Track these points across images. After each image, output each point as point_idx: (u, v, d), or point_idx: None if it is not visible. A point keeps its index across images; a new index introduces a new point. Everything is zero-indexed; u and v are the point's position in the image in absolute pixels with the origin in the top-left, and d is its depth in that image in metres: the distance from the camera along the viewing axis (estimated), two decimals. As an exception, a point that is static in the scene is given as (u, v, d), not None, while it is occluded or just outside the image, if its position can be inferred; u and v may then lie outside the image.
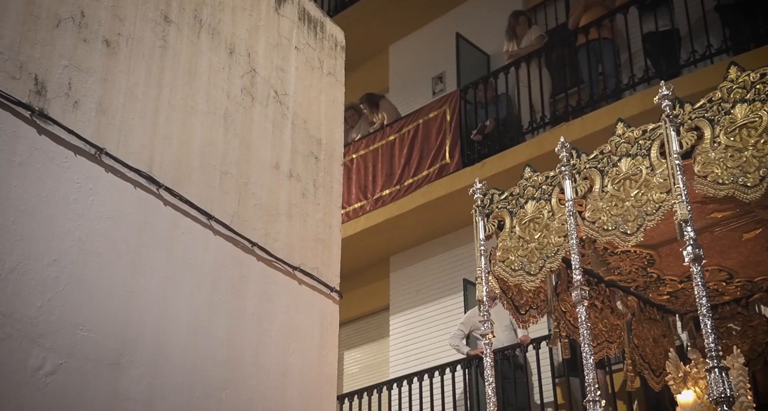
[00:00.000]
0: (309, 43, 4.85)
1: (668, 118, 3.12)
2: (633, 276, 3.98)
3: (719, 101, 3.07)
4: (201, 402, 3.65)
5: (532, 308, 3.79)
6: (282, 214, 4.41)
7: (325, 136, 4.87)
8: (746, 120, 2.94)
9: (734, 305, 4.25)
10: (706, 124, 3.05)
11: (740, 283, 4.09)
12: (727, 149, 2.94)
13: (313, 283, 4.50)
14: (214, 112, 4.06)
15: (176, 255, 3.69)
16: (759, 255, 3.77)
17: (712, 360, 2.75)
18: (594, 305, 4.02)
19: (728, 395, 2.67)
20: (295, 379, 4.22)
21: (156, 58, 3.78)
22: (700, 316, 2.85)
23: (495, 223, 3.68)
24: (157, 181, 3.64)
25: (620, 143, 3.32)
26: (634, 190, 3.16)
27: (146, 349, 3.44)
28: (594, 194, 3.29)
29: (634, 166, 3.21)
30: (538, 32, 8.14)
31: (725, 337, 4.23)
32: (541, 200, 3.51)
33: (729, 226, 3.61)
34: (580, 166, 3.41)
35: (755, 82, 3.00)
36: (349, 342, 9.42)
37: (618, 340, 4.09)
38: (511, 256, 3.54)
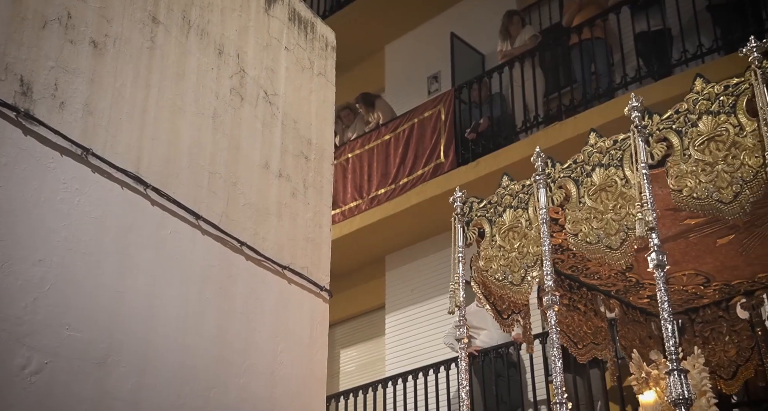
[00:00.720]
0: (299, 43, 4.87)
1: (636, 129, 3.12)
2: (612, 280, 4.02)
3: (686, 112, 3.07)
4: (189, 401, 3.67)
5: (515, 313, 3.82)
6: (271, 214, 4.43)
7: (315, 136, 4.89)
8: (713, 133, 2.94)
9: (715, 309, 4.28)
10: (674, 135, 3.05)
11: (717, 286, 4.12)
12: (698, 163, 2.94)
13: (303, 283, 4.52)
14: (203, 112, 4.08)
15: (164, 255, 3.70)
16: (734, 260, 3.80)
17: (672, 363, 2.78)
18: (577, 308, 4.05)
19: (686, 397, 2.70)
20: (284, 378, 4.24)
21: (144, 58, 3.79)
22: (662, 320, 2.88)
23: (475, 231, 3.71)
24: (145, 182, 3.66)
25: (592, 153, 3.33)
26: (611, 202, 3.18)
27: (133, 349, 3.46)
28: (572, 205, 3.32)
29: (607, 177, 3.22)
30: (531, 32, 8.16)
31: (710, 342, 4.26)
32: (518, 209, 3.54)
33: (703, 232, 3.63)
34: (555, 175, 3.43)
35: (719, 94, 2.99)
36: (345, 340, 9.45)
37: (604, 342, 4.12)
38: (493, 265, 3.57)
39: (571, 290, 4.05)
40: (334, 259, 8.92)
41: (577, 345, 4.05)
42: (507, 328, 3.86)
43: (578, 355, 4.08)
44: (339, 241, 8.64)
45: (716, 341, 4.23)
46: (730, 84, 3.00)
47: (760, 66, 2.86)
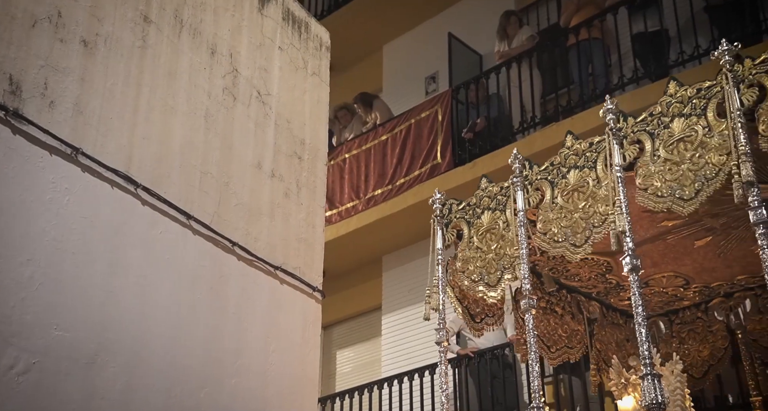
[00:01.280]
0: (293, 43, 4.86)
1: (611, 132, 3.15)
2: (593, 282, 4.02)
3: (659, 115, 3.10)
4: (180, 401, 3.66)
5: (488, 316, 3.82)
6: (264, 214, 4.42)
7: (309, 136, 4.88)
8: (683, 134, 2.97)
9: (694, 310, 4.30)
10: (646, 137, 3.08)
11: (697, 288, 4.14)
12: (666, 162, 2.98)
13: (295, 283, 4.51)
14: (195, 112, 4.07)
15: (155, 255, 3.70)
16: (712, 261, 3.82)
17: (646, 367, 2.79)
18: (554, 311, 4.06)
19: (659, 402, 2.71)
20: (276, 378, 4.23)
21: (135, 58, 3.78)
22: (635, 325, 2.88)
23: (454, 233, 3.72)
24: (135, 181, 3.65)
25: (569, 155, 3.35)
26: (582, 202, 3.21)
27: (123, 349, 3.45)
28: (545, 205, 3.34)
29: (581, 178, 3.24)
30: (529, 32, 8.15)
31: (687, 342, 4.27)
32: (496, 211, 3.55)
33: (680, 234, 3.65)
34: (532, 177, 3.45)
35: (692, 97, 3.02)
36: (342, 341, 9.44)
37: (579, 345, 4.12)
38: (470, 267, 3.58)
39: (550, 293, 4.05)
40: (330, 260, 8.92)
41: (550, 349, 4.07)
42: (479, 332, 3.87)
43: (549, 359, 4.10)
44: (336, 242, 8.64)
45: (692, 341, 4.26)
46: (702, 87, 3.03)
47: (731, 69, 2.88)
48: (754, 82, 2.84)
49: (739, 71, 2.89)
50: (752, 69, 2.88)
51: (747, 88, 2.85)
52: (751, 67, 2.89)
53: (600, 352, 4.08)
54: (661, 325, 4.38)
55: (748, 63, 2.91)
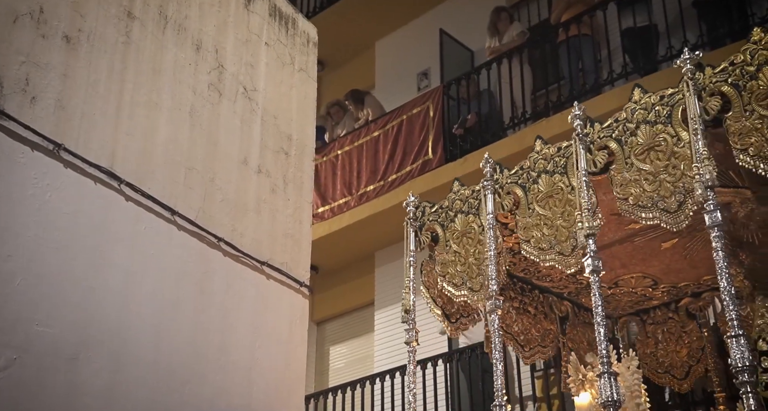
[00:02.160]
0: (280, 39, 4.86)
1: (578, 137, 3.18)
2: (564, 283, 4.07)
3: (624, 121, 3.12)
4: (163, 397, 3.67)
5: (463, 316, 3.85)
6: (250, 210, 4.43)
7: (296, 132, 4.88)
8: (652, 143, 2.99)
9: (665, 310, 4.36)
10: (614, 143, 3.10)
11: (665, 288, 4.20)
12: (641, 172, 3.00)
13: (282, 278, 4.52)
14: (180, 108, 4.07)
15: (139, 250, 3.70)
16: (678, 263, 3.88)
17: (603, 365, 2.82)
18: (527, 311, 4.11)
19: (615, 399, 2.75)
20: (262, 374, 4.24)
21: (119, 54, 3.78)
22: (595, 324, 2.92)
23: (428, 236, 3.74)
24: (119, 177, 3.65)
25: (538, 160, 3.38)
26: (560, 208, 3.24)
27: (106, 345, 3.46)
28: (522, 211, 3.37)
29: (553, 184, 3.27)
30: (519, 28, 8.15)
31: (663, 343, 4.30)
32: (469, 214, 3.58)
33: (647, 236, 3.69)
34: (503, 181, 3.48)
35: (655, 104, 3.04)
36: (334, 337, 9.45)
37: (551, 345, 4.16)
38: (450, 270, 3.61)
39: (523, 293, 4.11)
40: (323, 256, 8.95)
41: (524, 348, 4.11)
42: (455, 332, 3.89)
43: (524, 358, 4.14)
44: (328, 238, 8.65)
45: (668, 342, 4.31)
46: (665, 94, 3.05)
47: (692, 77, 2.91)
48: (715, 91, 2.87)
49: (700, 79, 2.92)
50: (713, 77, 2.91)
51: (709, 96, 2.88)
52: (711, 75, 2.92)
53: (572, 350, 4.12)
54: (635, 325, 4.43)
55: (708, 71, 2.94)
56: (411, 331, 3.61)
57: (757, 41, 2.89)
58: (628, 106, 3.14)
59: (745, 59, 2.87)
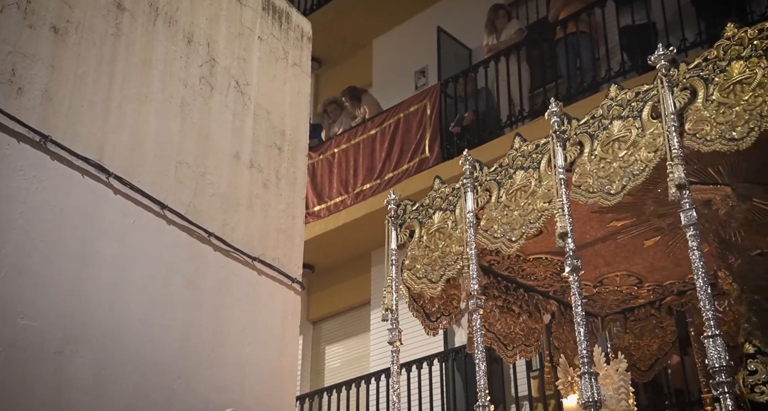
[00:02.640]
0: (273, 33, 4.82)
1: (555, 134, 3.21)
2: (549, 281, 4.07)
3: (600, 117, 3.16)
4: (152, 392, 3.63)
5: (444, 315, 3.83)
6: (242, 205, 4.38)
7: (289, 127, 4.84)
8: (619, 134, 3.04)
9: (649, 308, 4.36)
10: (587, 138, 3.14)
11: (650, 287, 4.19)
12: (600, 161, 3.06)
13: (274, 274, 4.48)
14: (170, 101, 4.03)
15: (128, 244, 3.66)
16: (662, 260, 3.89)
17: (583, 366, 2.83)
18: (511, 310, 4.11)
19: (595, 400, 2.75)
20: (253, 370, 4.20)
21: (108, 45, 3.74)
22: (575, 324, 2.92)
23: (407, 233, 3.74)
24: (107, 170, 3.61)
25: (516, 157, 3.42)
26: (522, 200, 3.29)
27: (94, 339, 3.41)
28: (490, 205, 3.41)
29: (525, 178, 3.32)
30: (517, 26, 8.12)
31: (638, 337, 4.31)
32: (446, 211, 3.58)
33: (630, 234, 3.70)
34: (482, 178, 3.50)
35: (630, 100, 3.08)
36: (330, 336, 9.41)
37: (536, 344, 4.15)
38: (417, 265, 3.63)
39: (507, 292, 4.11)
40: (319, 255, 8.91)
41: (507, 347, 4.10)
42: (434, 331, 3.88)
43: (506, 357, 4.13)
44: (324, 237, 8.61)
45: (644, 337, 4.32)
46: (641, 90, 3.09)
47: (666, 74, 2.94)
48: (687, 86, 2.91)
49: (674, 75, 2.95)
50: (686, 73, 2.94)
51: (680, 91, 2.92)
52: (685, 71, 2.95)
53: (558, 349, 4.10)
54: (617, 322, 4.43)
55: (683, 67, 2.97)
56: (394, 331, 3.61)
57: (730, 37, 2.90)
58: (605, 102, 3.18)
59: (718, 54, 2.90)
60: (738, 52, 2.81)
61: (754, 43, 2.79)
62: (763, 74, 2.72)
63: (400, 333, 3.63)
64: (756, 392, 2.96)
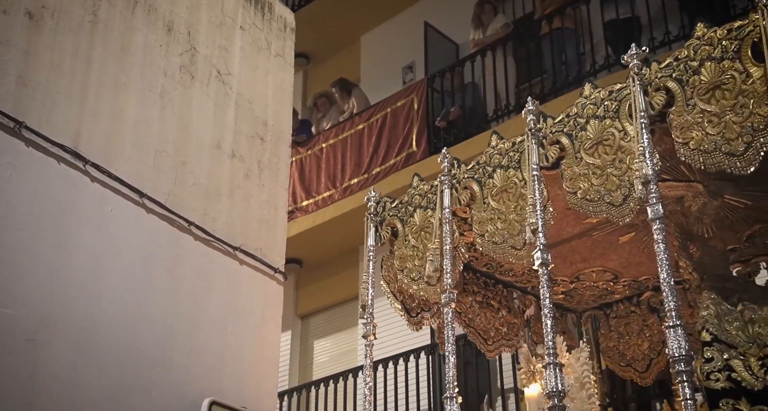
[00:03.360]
0: (255, 23, 4.81)
1: (531, 132, 3.21)
2: (527, 277, 4.09)
3: (575, 116, 3.15)
4: (129, 380, 3.62)
5: (424, 310, 3.85)
6: (223, 195, 4.38)
7: (272, 118, 4.83)
8: (600, 137, 3.03)
9: (627, 304, 4.35)
10: (565, 137, 3.14)
11: (626, 282, 4.20)
12: (589, 166, 3.03)
13: (256, 264, 4.47)
14: (150, 89, 4.01)
15: (105, 232, 3.64)
16: (637, 256, 3.90)
17: (549, 357, 2.86)
18: (491, 305, 4.12)
19: (559, 390, 2.79)
20: (233, 359, 4.19)
21: (85, 32, 3.72)
22: (543, 316, 2.95)
23: (388, 231, 3.74)
24: (84, 157, 3.59)
25: (493, 154, 3.41)
26: (513, 202, 3.27)
27: (69, 327, 3.40)
28: (477, 205, 3.40)
29: (507, 178, 3.31)
30: (503, 20, 8.13)
31: (625, 336, 4.31)
32: (427, 209, 3.59)
33: (605, 230, 3.70)
34: (460, 176, 3.50)
35: (604, 99, 3.07)
36: (318, 331, 9.41)
37: (515, 338, 4.18)
38: (408, 265, 3.61)
39: (486, 287, 4.14)
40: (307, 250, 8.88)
41: (487, 342, 4.13)
42: (415, 327, 3.89)
43: (487, 351, 4.16)
44: (312, 232, 8.60)
45: (630, 335, 4.31)
46: (613, 89, 3.08)
47: (638, 73, 2.94)
48: (660, 86, 2.90)
49: (647, 74, 2.95)
50: (658, 73, 2.93)
51: (654, 91, 2.91)
52: (657, 70, 2.94)
53: (536, 344, 4.12)
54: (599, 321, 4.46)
55: (654, 67, 2.96)
56: (369, 326, 3.61)
57: (700, 37, 2.90)
58: (579, 101, 3.17)
59: (688, 54, 2.89)
60: (708, 53, 2.82)
61: (724, 44, 2.79)
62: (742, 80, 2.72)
63: (375, 327, 3.65)
64: (711, 379, 2.98)
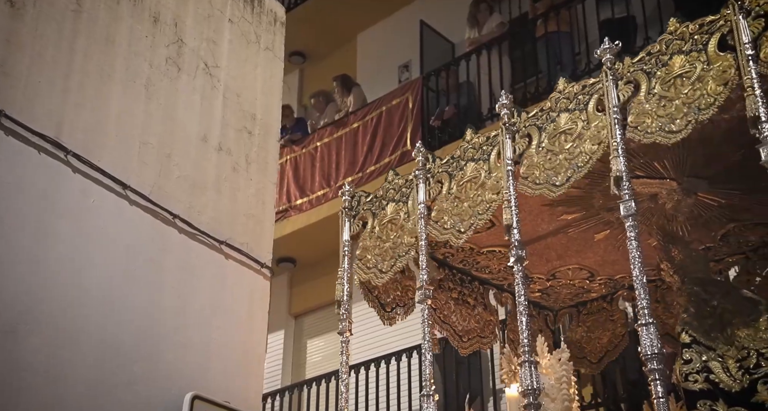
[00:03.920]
0: (245, 16, 4.77)
1: (504, 126, 3.23)
2: (503, 274, 4.09)
3: (548, 110, 3.19)
4: (111, 375, 3.57)
5: (399, 306, 3.83)
6: (209, 188, 4.34)
7: (260, 112, 4.79)
8: (565, 127, 3.07)
9: (601, 301, 4.37)
10: (535, 131, 3.17)
11: (602, 280, 4.20)
12: (547, 153, 3.08)
13: (242, 259, 4.43)
14: (135, 80, 3.98)
15: (87, 224, 3.60)
16: (613, 254, 3.89)
17: (524, 354, 2.87)
18: (466, 302, 4.11)
19: (534, 388, 2.80)
20: (219, 354, 4.15)
21: (68, 22, 3.69)
22: (518, 314, 2.95)
23: (359, 225, 3.74)
24: (65, 147, 3.55)
25: (467, 149, 3.43)
26: (472, 191, 3.30)
27: (49, 319, 3.35)
28: (441, 196, 3.42)
29: (476, 170, 3.33)
30: (498, 19, 8.11)
31: (591, 330, 4.32)
32: (399, 202, 3.60)
33: (580, 228, 3.71)
34: (435, 170, 3.51)
35: (578, 93, 3.11)
36: (312, 331, 9.38)
37: (491, 336, 4.15)
38: (368, 255, 3.62)
39: (462, 284, 4.13)
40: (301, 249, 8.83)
41: (461, 338, 4.12)
42: (389, 322, 3.87)
43: (461, 348, 4.16)
44: (306, 230, 8.57)
45: (594, 330, 4.33)
46: (587, 84, 3.12)
47: (611, 67, 2.97)
48: (631, 79, 2.93)
49: (619, 69, 2.98)
50: (630, 66, 2.96)
51: (624, 84, 2.94)
52: (629, 64, 2.97)
53: (512, 342, 4.10)
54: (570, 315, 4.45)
55: (627, 61, 2.99)
56: (344, 322, 3.60)
57: (673, 31, 2.92)
58: (553, 95, 3.20)
59: (660, 49, 2.91)
60: (679, 47, 2.84)
61: (695, 38, 2.82)
62: (702, 68, 2.75)
63: (351, 324, 3.64)
64: (690, 380, 2.98)
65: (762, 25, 2.70)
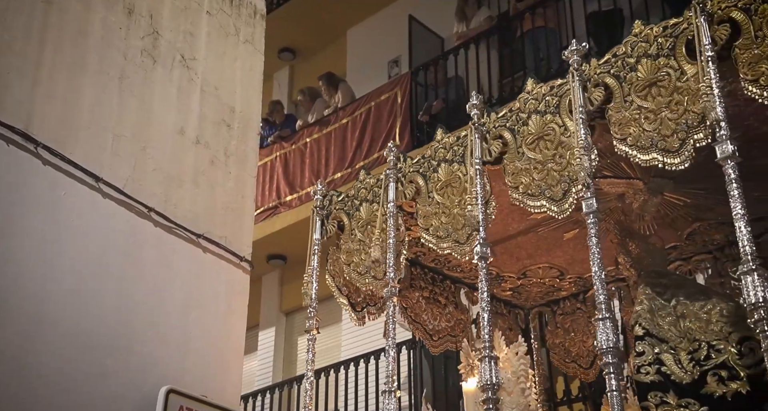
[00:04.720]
0: (223, 9, 4.75)
1: (474, 126, 3.20)
2: (475, 273, 4.05)
3: (517, 111, 3.15)
4: (83, 367, 3.54)
5: (369, 305, 3.81)
6: (186, 181, 4.31)
7: (239, 105, 4.76)
8: (542, 132, 3.02)
9: (573, 301, 4.35)
10: (507, 132, 3.12)
11: (572, 279, 4.19)
12: (531, 161, 3.03)
13: (220, 252, 4.40)
14: (108, 72, 3.95)
15: (57, 217, 3.57)
16: (582, 253, 3.90)
17: (484, 350, 2.88)
18: (437, 301, 4.11)
19: (493, 383, 2.81)
20: (196, 348, 4.12)
21: (38, 12, 3.66)
22: (480, 310, 2.96)
23: (334, 225, 3.71)
24: (35, 139, 3.52)
25: (438, 149, 3.39)
26: (457, 197, 3.25)
27: (17, 312, 3.33)
28: (421, 199, 3.38)
29: (451, 173, 3.28)
30: (486, 14, 8.09)
31: (572, 332, 4.30)
32: (373, 203, 3.57)
33: (550, 227, 3.71)
34: (406, 170, 3.48)
35: (545, 94, 3.07)
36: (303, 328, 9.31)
37: (461, 334, 4.14)
38: (354, 259, 3.60)
39: (434, 283, 4.13)
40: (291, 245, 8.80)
41: (432, 337, 4.11)
42: (360, 322, 3.85)
43: (431, 347, 4.15)
44: (296, 226, 8.53)
45: (576, 332, 4.31)
46: (554, 85, 3.08)
47: (578, 69, 2.94)
48: (599, 82, 2.90)
49: (586, 71, 2.94)
50: (597, 68, 2.93)
51: (593, 87, 2.91)
52: (596, 66, 2.94)
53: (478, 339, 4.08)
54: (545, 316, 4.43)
55: (593, 63, 2.96)
56: (311, 320, 3.60)
57: (638, 34, 2.88)
58: (522, 96, 3.17)
59: (626, 51, 2.88)
60: (645, 50, 2.81)
61: (659, 41, 2.78)
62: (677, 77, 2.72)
63: (318, 323, 3.64)
64: (642, 373, 2.96)
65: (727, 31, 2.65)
